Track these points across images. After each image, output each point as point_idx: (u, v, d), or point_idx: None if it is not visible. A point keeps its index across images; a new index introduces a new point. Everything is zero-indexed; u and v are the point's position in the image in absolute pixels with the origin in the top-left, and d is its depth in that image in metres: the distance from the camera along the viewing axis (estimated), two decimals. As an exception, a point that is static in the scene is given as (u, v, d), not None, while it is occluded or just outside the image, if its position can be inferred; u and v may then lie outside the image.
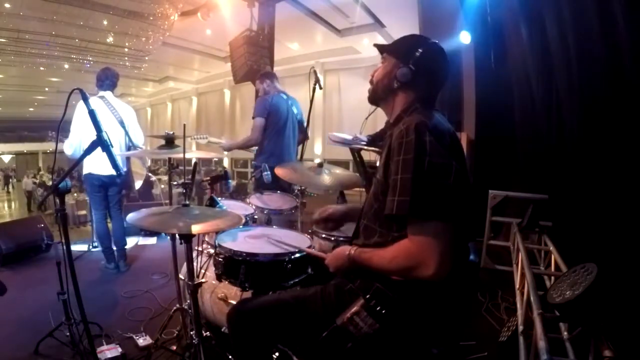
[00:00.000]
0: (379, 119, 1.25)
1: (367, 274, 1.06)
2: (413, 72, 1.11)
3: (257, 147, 3.15)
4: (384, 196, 1.04)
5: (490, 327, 2.21)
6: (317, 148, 12.18)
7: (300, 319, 1.14)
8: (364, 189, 2.24)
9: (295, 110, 3.19)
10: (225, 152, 15.07)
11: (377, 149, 2.59)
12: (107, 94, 3.02)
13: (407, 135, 1.00)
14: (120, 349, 1.89)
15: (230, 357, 1.58)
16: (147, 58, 11.59)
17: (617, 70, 2.07)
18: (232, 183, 2.02)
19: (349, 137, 2.79)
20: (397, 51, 1.18)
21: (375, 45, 1.25)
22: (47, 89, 15.93)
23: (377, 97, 1.21)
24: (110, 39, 10.22)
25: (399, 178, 0.98)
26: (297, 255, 1.40)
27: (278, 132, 3.08)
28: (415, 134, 0.98)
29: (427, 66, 1.13)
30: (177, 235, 1.74)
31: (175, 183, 1.89)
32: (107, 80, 3.03)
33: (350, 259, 1.10)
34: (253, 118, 3.05)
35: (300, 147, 3.26)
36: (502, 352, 1.86)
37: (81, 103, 1.38)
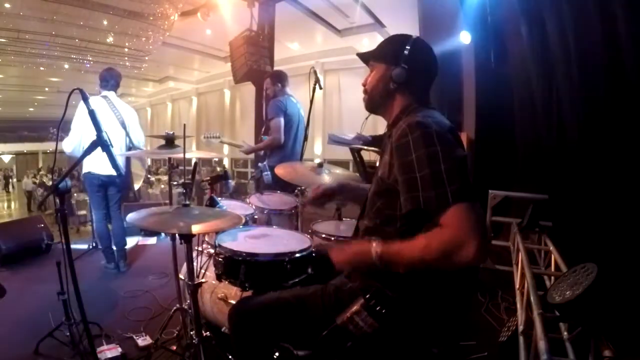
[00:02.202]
0: (379, 120, 1.25)
1: (368, 273, 1.06)
2: (407, 70, 1.11)
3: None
4: (387, 195, 1.04)
5: (490, 327, 2.21)
6: (317, 148, 12.18)
7: (300, 319, 1.14)
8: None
9: (303, 114, 3.22)
10: (225, 152, 14.96)
11: (377, 149, 2.60)
12: (110, 94, 3.03)
13: (412, 132, 0.99)
14: (120, 349, 1.89)
15: (230, 357, 1.58)
16: (147, 58, 11.60)
17: (617, 70, 2.06)
18: (232, 183, 2.02)
19: (349, 136, 2.80)
20: (384, 55, 1.17)
21: (359, 54, 1.24)
22: (47, 89, 15.93)
23: (374, 105, 1.21)
24: (110, 39, 10.22)
25: (421, 175, 0.95)
26: (297, 255, 1.40)
27: (291, 133, 3.13)
28: (420, 129, 0.98)
29: (419, 61, 1.14)
30: (177, 235, 1.74)
31: (175, 183, 1.89)
32: (112, 80, 3.04)
33: (377, 256, 0.98)
34: (270, 120, 3.08)
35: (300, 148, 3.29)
36: (502, 352, 1.86)
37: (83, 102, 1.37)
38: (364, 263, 1.03)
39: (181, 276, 1.88)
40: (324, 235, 1.77)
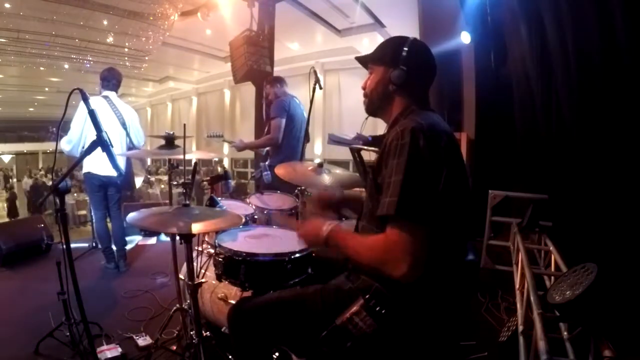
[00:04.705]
0: (379, 120, 1.25)
1: (368, 273, 1.06)
2: (406, 71, 1.12)
3: (269, 148, 3.20)
4: (377, 196, 1.04)
5: (490, 327, 2.21)
6: (317, 148, 12.16)
7: (299, 319, 1.14)
8: (364, 189, 2.24)
9: (305, 115, 3.24)
10: (225, 152, 14.93)
11: (376, 149, 2.59)
12: (111, 94, 3.03)
13: (402, 138, 1.00)
14: (120, 349, 1.89)
15: (230, 357, 1.58)
16: (147, 58, 11.58)
17: (616, 70, 2.07)
18: (232, 183, 2.01)
19: (349, 136, 2.80)
20: (382, 58, 1.18)
21: (357, 58, 1.25)
22: (47, 89, 15.90)
23: (374, 107, 1.22)
24: (110, 39, 10.21)
25: (392, 180, 0.98)
26: (297, 255, 1.40)
27: (294, 134, 3.14)
28: (410, 137, 0.98)
29: (418, 62, 1.14)
30: (177, 235, 1.74)
31: (175, 183, 1.89)
32: (113, 79, 3.04)
33: (325, 235, 1.09)
34: (272, 119, 3.10)
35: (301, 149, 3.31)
36: (502, 352, 1.86)
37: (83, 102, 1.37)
38: (315, 238, 1.13)
39: (181, 276, 1.88)
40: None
